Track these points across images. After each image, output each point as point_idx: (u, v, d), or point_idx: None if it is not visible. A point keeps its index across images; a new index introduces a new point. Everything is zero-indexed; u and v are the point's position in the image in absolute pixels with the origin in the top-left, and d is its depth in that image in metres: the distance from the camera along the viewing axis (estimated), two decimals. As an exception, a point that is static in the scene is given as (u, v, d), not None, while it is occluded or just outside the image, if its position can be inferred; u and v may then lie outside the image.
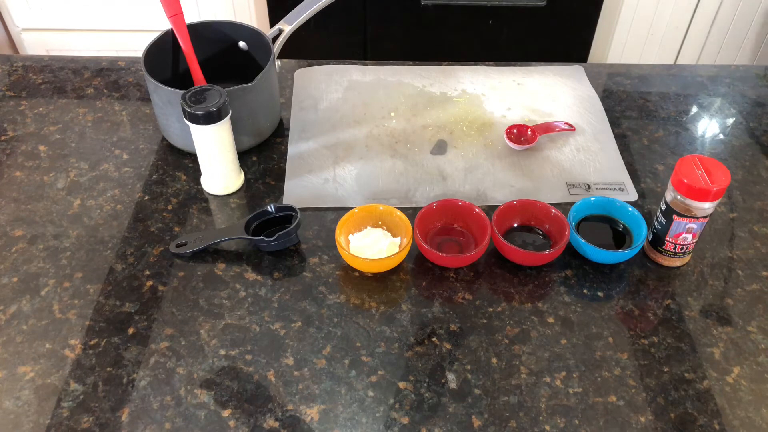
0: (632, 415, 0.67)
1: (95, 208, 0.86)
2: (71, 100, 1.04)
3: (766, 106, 1.06)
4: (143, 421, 0.65)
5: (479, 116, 1.02)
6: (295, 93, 1.05)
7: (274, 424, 0.65)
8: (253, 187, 0.90)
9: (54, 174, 0.91)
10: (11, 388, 0.68)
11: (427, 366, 0.70)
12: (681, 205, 0.75)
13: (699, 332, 0.74)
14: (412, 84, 1.07)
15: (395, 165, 0.93)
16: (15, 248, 0.81)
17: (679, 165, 0.74)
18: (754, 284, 0.79)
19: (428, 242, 0.80)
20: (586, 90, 1.07)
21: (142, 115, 1.01)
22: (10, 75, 1.08)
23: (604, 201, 0.84)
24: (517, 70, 1.11)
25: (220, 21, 0.99)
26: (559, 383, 0.69)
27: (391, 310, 0.75)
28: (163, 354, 0.71)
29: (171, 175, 0.91)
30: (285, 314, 0.75)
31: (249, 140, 0.94)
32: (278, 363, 0.70)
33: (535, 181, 0.91)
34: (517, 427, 0.66)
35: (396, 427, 0.65)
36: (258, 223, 0.82)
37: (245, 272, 0.79)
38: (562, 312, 0.76)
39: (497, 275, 0.79)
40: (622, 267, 0.81)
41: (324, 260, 0.80)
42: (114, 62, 1.11)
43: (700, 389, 0.69)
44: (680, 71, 1.13)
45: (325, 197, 0.88)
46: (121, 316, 0.74)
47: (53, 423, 0.65)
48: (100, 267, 0.79)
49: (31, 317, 0.74)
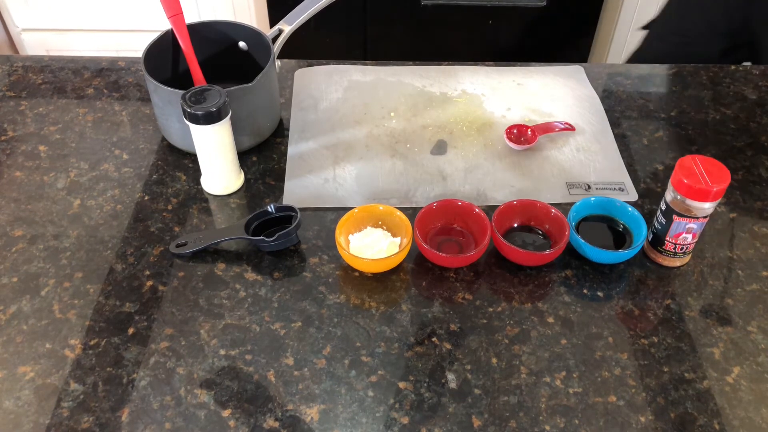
0: (632, 415, 0.67)
1: (95, 208, 0.86)
2: (71, 100, 1.04)
3: (766, 106, 1.06)
4: (143, 421, 0.65)
5: (479, 116, 1.02)
6: (295, 93, 1.05)
7: (274, 424, 0.65)
8: (253, 187, 0.90)
9: (54, 174, 0.91)
10: (11, 388, 0.68)
11: (427, 366, 0.70)
12: (681, 205, 0.75)
13: (699, 332, 0.74)
14: (412, 84, 1.07)
15: (395, 165, 0.93)
16: (15, 248, 0.81)
17: (679, 165, 0.74)
18: (754, 284, 0.79)
19: (428, 242, 0.80)
20: (586, 90, 1.07)
21: (142, 115, 1.01)
22: (10, 75, 1.08)
23: (604, 201, 0.84)
24: (517, 70, 1.11)
25: (220, 21, 0.99)
26: (559, 383, 0.69)
27: (391, 310, 0.75)
28: (163, 354, 0.71)
29: (171, 175, 0.91)
30: (285, 314, 0.75)
31: (249, 140, 0.94)
32: (278, 363, 0.70)
33: (535, 181, 0.91)
34: (517, 427, 0.66)
35: (396, 427, 0.65)
36: (258, 223, 0.82)
37: (245, 272, 0.79)
38: (562, 312, 0.76)
39: (497, 275, 0.79)
40: (622, 267, 0.81)
41: (324, 260, 0.80)
42: (114, 62, 1.11)
43: (700, 389, 0.69)
44: (680, 71, 1.13)
45: (325, 197, 0.88)
46: (121, 316, 0.74)
47: (53, 423, 0.65)
48: (100, 267, 0.79)
49: (31, 317, 0.74)
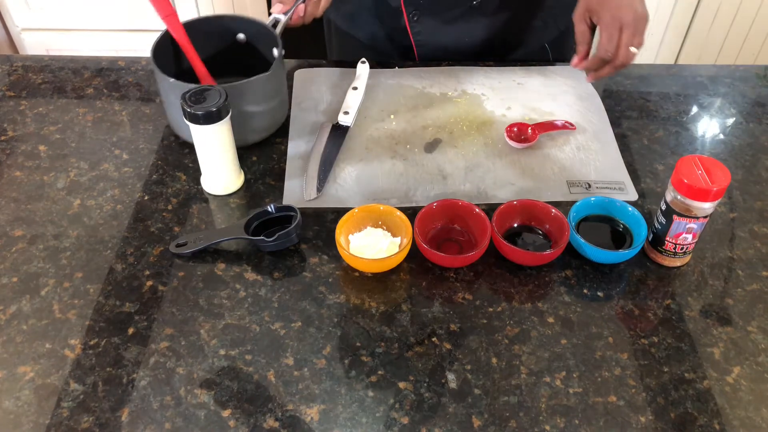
0: (632, 415, 0.67)
1: (95, 208, 0.86)
2: (71, 100, 1.04)
3: (766, 106, 1.06)
4: (143, 421, 0.65)
5: (479, 115, 1.02)
6: (295, 93, 1.05)
7: (274, 424, 0.65)
8: (253, 187, 0.90)
9: (54, 174, 0.91)
10: (11, 388, 0.68)
11: (427, 366, 0.70)
12: (681, 205, 0.75)
13: (699, 332, 0.74)
14: (412, 86, 1.07)
15: (395, 165, 0.93)
16: (15, 248, 0.81)
17: (679, 165, 0.74)
18: (754, 284, 0.79)
19: (428, 242, 0.80)
20: (587, 90, 1.07)
21: (142, 115, 1.01)
22: (10, 75, 1.08)
23: (604, 201, 0.84)
24: (517, 70, 1.11)
25: (219, 15, 0.99)
26: (559, 383, 0.69)
27: (391, 310, 0.75)
28: (163, 354, 0.71)
29: (171, 175, 0.91)
30: (285, 314, 0.75)
31: (266, 130, 0.95)
32: (278, 363, 0.70)
33: (535, 179, 0.91)
34: (517, 427, 0.66)
35: (396, 427, 0.65)
36: (258, 223, 0.82)
37: (245, 272, 0.79)
38: (562, 312, 0.76)
39: (497, 275, 0.79)
40: (622, 267, 0.81)
41: (324, 260, 0.80)
42: (114, 62, 1.11)
43: (700, 389, 0.69)
44: (680, 71, 1.13)
45: (325, 197, 0.88)
46: (121, 316, 0.74)
47: (53, 423, 0.65)
48: (100, 267, 0.79)
49: (31, 317, 0.74)
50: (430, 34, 1.10)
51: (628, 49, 0.90)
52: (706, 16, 1.90)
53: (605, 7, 0.91)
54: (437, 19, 1.08)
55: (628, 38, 0.90)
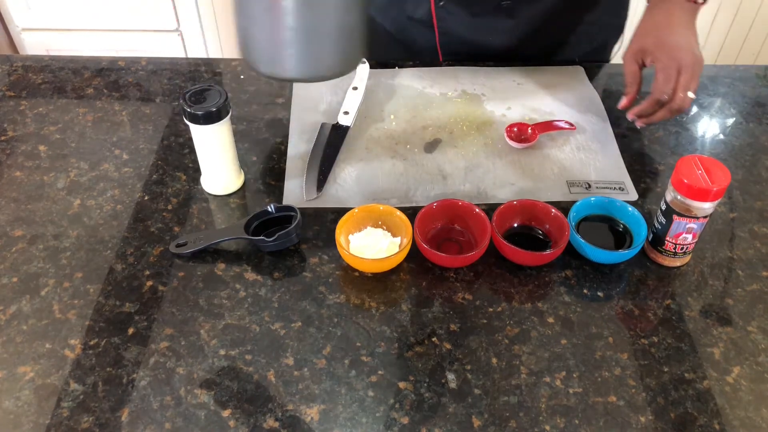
0: (632, 415, 0.67)
1: (95, 208, 0.86)
2: (71, 100, 1.04)
3: (766, 106, 1.06)
4: (143, 421, 0.65)
5: (479, 115, 1.02)
6: (294, 93, 1.05)
7: (274, 424, 0.65)
8: (253, 187, 0.90)
9: (54, 174, 0.91)
10: (11, 388, 0.68)
11: (427, 366, 0.70)
12: (681, 205, 0.75)
13: (699, 332, 0.74)
14: (411, 85, 1.07)
15: (395, 165, 0.93)
16: (15, 248, 0.81)
17: (679, 165, 0.74)
18: (754, 284, 0.79)
19: (428, 242, 0.80)
20: (587, 90, 1.07)
21: (142, 115, 1.01)
22: (10, 75, 1.08)
23: (604, 201, 0.84)
24: (517, 70, 1.11)
25: None
26: (559, 383, 0.69)
27: (391, 310, 0.75)
28: (163, 354, 0.71)
29: (171, 175, 0.91)
30: (285, 314, 0.75)
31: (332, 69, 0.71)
32: (278, 363, 0.70)
33: (535, 179, 0.91)
34: (517, 427, 0.66)
35: (396, 427, 0.65)
36: (258, 223, 0.82)
37: (245, 272, 0.79)
38: (562, 312, 0.76)
39: (497, 275, 0.79)
40: (622, 267, 0.81)
41: (324, 260, 0.80)
42: (114, 62, 1.11)
43: (700, 389, 0.69)
44: (680, 71, 1.13)
45: (325, 197, 0.88)
46: (121, 316, 0.74)
47: (53, 423, 0.65)
48: (100, 267, 0.79)
49: (31, 317, 0.74)
50: (455, 24, 1.06)
51: (686, 93, 0.86)
52: (706, 16, 1.90)
53: (663, 49, 0.88)
54: (465, 10, 1.04)
55: (686, 81, 0.86)
